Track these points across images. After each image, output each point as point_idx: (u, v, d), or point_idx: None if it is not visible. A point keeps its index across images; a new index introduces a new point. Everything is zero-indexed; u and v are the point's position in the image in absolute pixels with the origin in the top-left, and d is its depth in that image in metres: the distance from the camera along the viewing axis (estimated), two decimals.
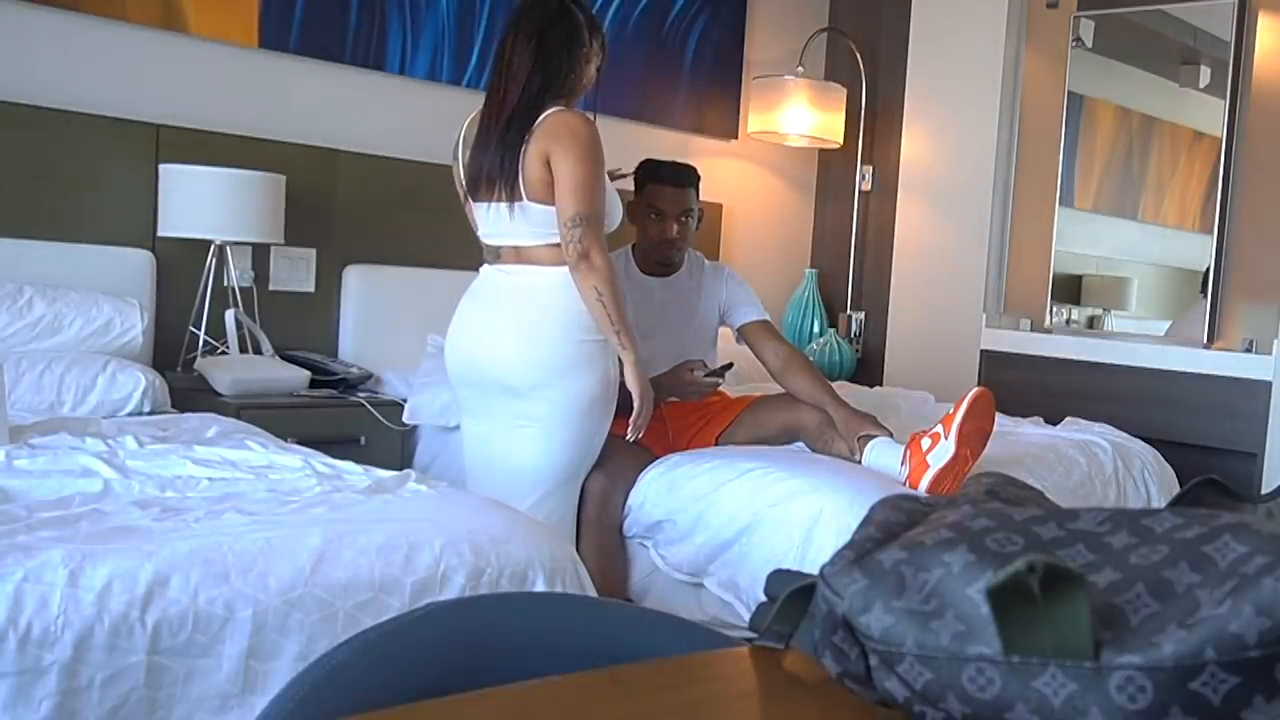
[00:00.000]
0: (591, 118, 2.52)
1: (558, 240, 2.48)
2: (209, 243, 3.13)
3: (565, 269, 2.49)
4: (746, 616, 2.30)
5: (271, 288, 3.39)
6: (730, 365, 2.97)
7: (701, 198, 3.09)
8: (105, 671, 1.37)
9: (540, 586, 1.73)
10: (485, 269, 2.68)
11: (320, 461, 2.15)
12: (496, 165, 2.49)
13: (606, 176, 2.57)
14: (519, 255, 2.58)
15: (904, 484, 2.62)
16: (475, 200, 2.60)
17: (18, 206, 2.96)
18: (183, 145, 3.18)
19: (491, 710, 0.67)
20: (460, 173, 2.65)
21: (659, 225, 2.99)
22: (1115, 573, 0.60)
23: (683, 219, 2.99)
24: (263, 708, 0.75)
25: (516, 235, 2.55)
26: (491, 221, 2.58)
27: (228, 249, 3.16)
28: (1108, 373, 3.94)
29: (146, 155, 3.14)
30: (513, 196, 2.49)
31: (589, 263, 2.43)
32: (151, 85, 3.21)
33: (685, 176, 3.03)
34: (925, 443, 2.62)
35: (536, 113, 2.47)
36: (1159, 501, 3.16)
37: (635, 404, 2.58)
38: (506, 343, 2.54)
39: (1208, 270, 3.89)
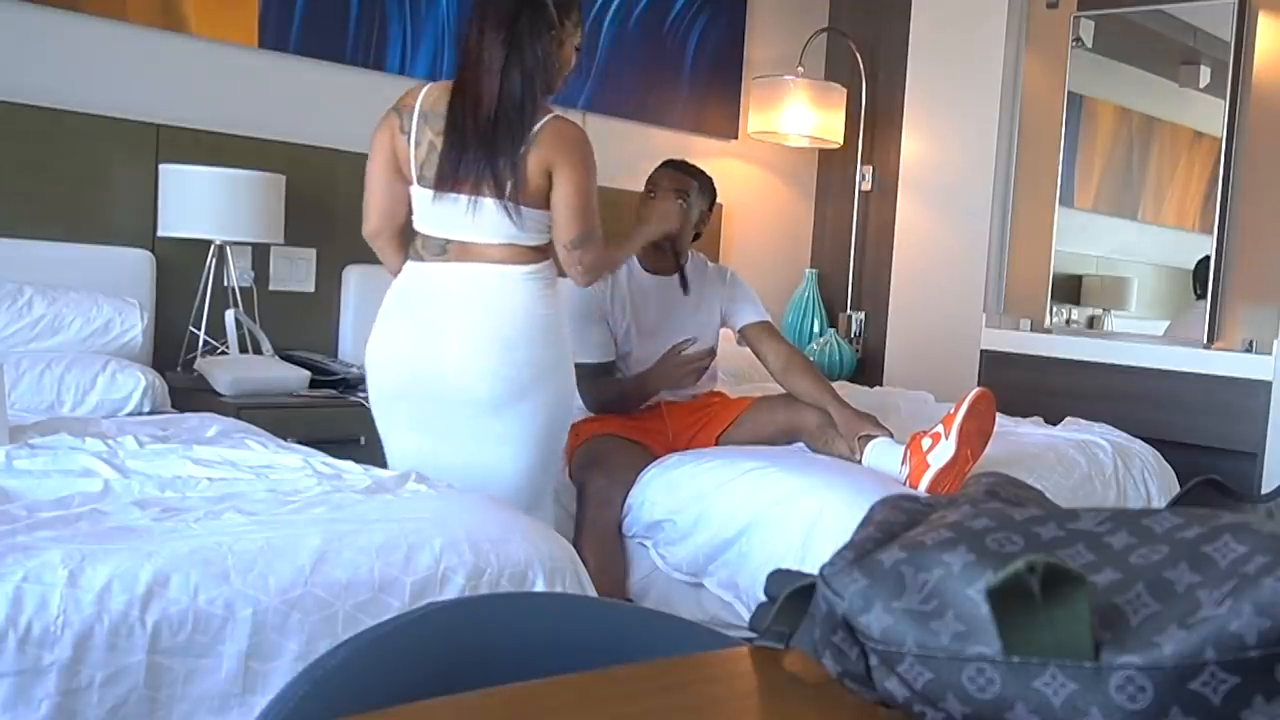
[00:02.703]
0: (582, 120, 2.48)
1: (524, 243, 2.36)
2: (209, 243, 3.13)
3: (524, 269, 2.35)
4: (746, 616, 2.30)
5: (271, 288, 3.39)
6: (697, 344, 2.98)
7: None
8: (105, 671, 1.37)
9: (540, 586, 1.73)
10: (422, 266, 2.42)
11: (320, 461, 2.15)
12: (483, 165, 2.31)
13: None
14: (468, 252, 2.37)
15: (904, 484, 2.62)
16: (439, 190, 2.36)
17: (18, 206, 2.96)
18: (183, 145, 3.18)
19: (491, 710, 0.67)
20: (408, 152, 2.39)
21: (650, 202, 3.01)
22: (1115, 573, 0.60)
23: (677, 200, 3.00)
24: (263, 708, 0.75)
25: (479, 232, 2.35)
26: (447, 213, 2.36)
27: (228, 249, 3.16)
28: (1108, 373, 3.94)
29: (146, 155, 3.14)
30: (502, 195, 2.32)
31: (594, 274, 2.44)
32: (151, 85, 3.21)
33: (688, 167, 3.08)
34: (926, 443, 2.62)
35: (527, 113, 2.33)
36: (1159, 501, 3.16)
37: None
38: (471, 353, 2.32)
39: (1198, 267, 3.90)
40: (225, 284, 3.18)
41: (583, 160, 2.36)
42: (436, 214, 2.39)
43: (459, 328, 2.34)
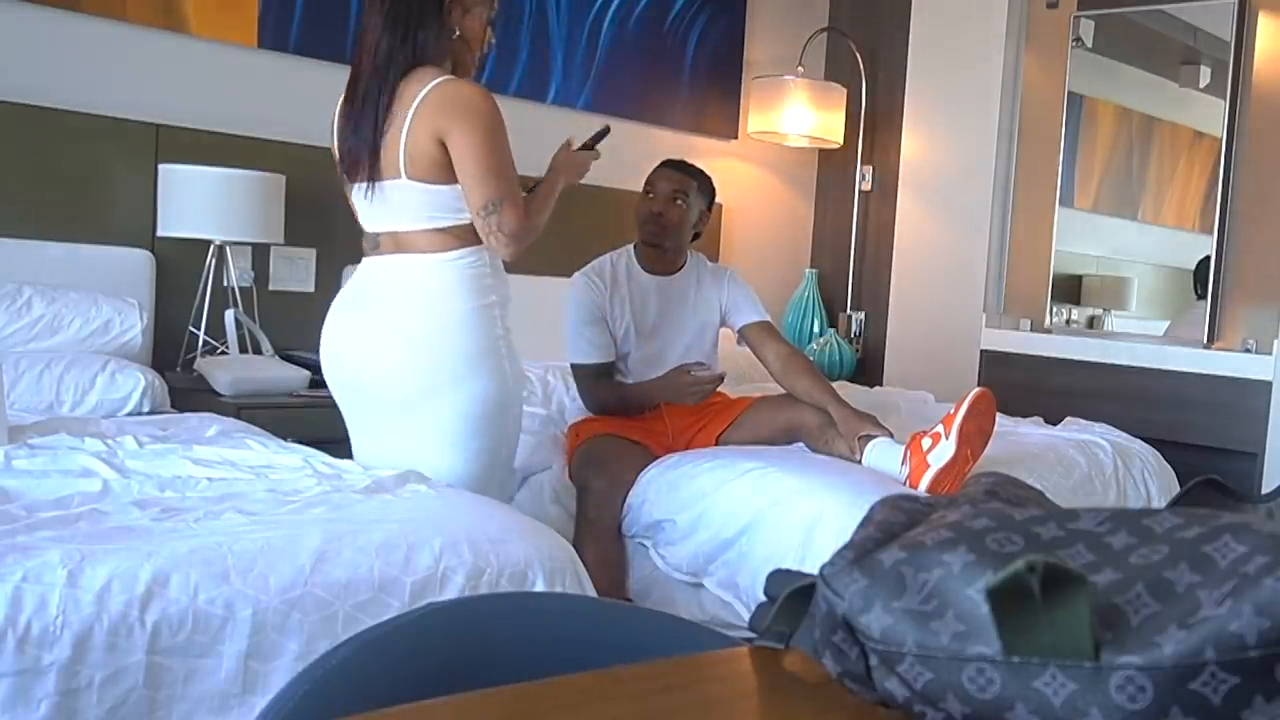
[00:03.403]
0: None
1: (440, 225, 2.23)
2: (209, 243, 3.13)
3: (445, 256, 2.23)
4: (746, 616, 2.29)
5: (271, 288, 3.39)
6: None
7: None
8: (104, 671, 1.37)
9: (540, 586, 1.73)
10: (363, 262, 2.39)
11: (320, 461, 2.15)
12: (363, 143, 2.21)
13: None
14: (397, 243, 2.28)
15: (904, 484, 2.62)
16: (353, 182, 2.30)
17: (18, 206, 2.96)
18: (183, 145, 3.18)
19: (491, 710, 0.67)
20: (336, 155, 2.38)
21: (648, 202, 3.02)
22: (1115, 573, 0.60)
23: (675, 200, 3.00)
24: (263, 708, 0.75)
25: (394, 219, 2.26)
26: (367, 204, 2.29)
27: (228, 249, 3.16)
28: (1108, 373, 3.94)
29: (146, 155, 3.14)
30: (383, 174, 2.21)
31: (517, 241, 2.19)
32: (151, 85, 3.21)
33: (687, 167, 3.09)
34: (926, 442, 2.62)
35: (394, 79, 2.19)
36: (1159, 501, 3.16)
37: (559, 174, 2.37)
38: (389, 350, 2.23)
39: (1198, 268, 3.90)
40: (225, 284, 3.18)
41: (477, 121, 2.15)
42: (358, 206, 2.35)
43: (374, 323, 2.26)
